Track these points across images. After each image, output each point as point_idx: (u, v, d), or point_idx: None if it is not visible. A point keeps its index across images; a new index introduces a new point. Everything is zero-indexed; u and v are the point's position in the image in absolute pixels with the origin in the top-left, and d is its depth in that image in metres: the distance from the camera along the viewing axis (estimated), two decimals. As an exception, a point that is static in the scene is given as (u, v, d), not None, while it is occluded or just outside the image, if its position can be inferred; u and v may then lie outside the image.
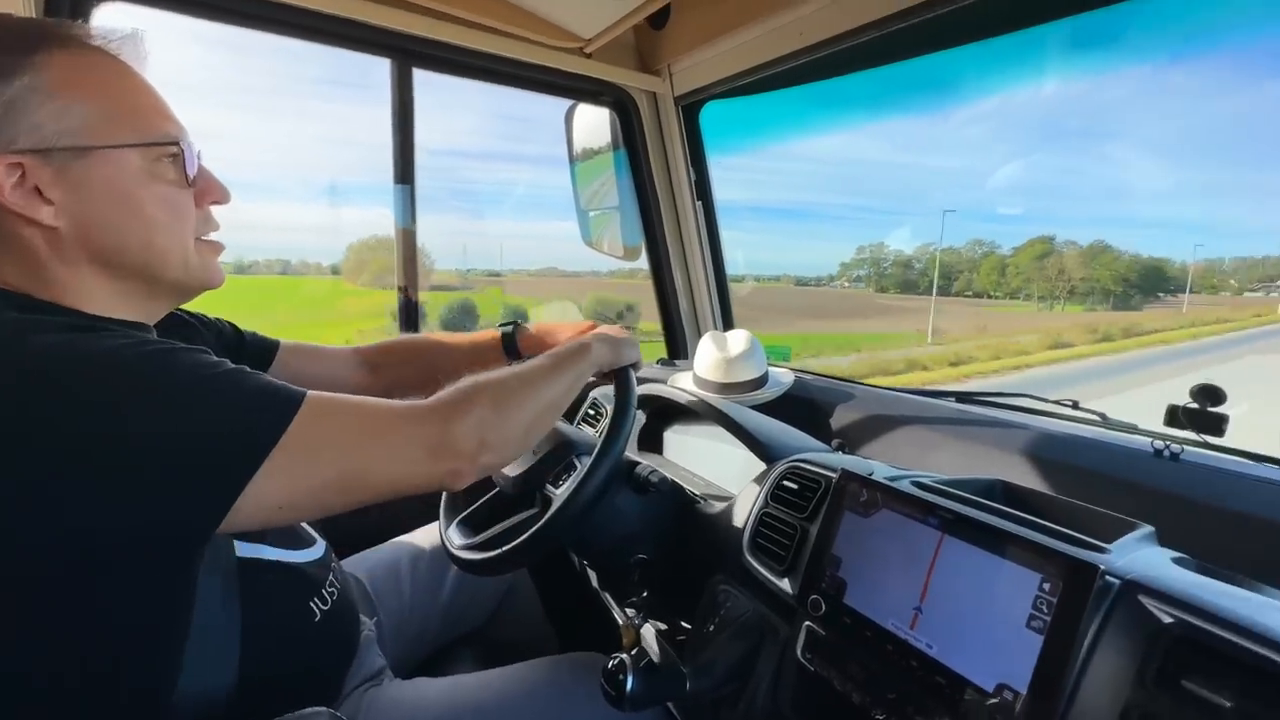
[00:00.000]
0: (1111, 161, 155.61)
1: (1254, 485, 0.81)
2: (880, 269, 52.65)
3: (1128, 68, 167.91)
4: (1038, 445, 0.99)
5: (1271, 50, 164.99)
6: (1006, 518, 0.61)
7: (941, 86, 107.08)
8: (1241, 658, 0.44)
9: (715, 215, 1.76)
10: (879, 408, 1.22)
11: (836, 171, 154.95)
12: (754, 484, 0.87)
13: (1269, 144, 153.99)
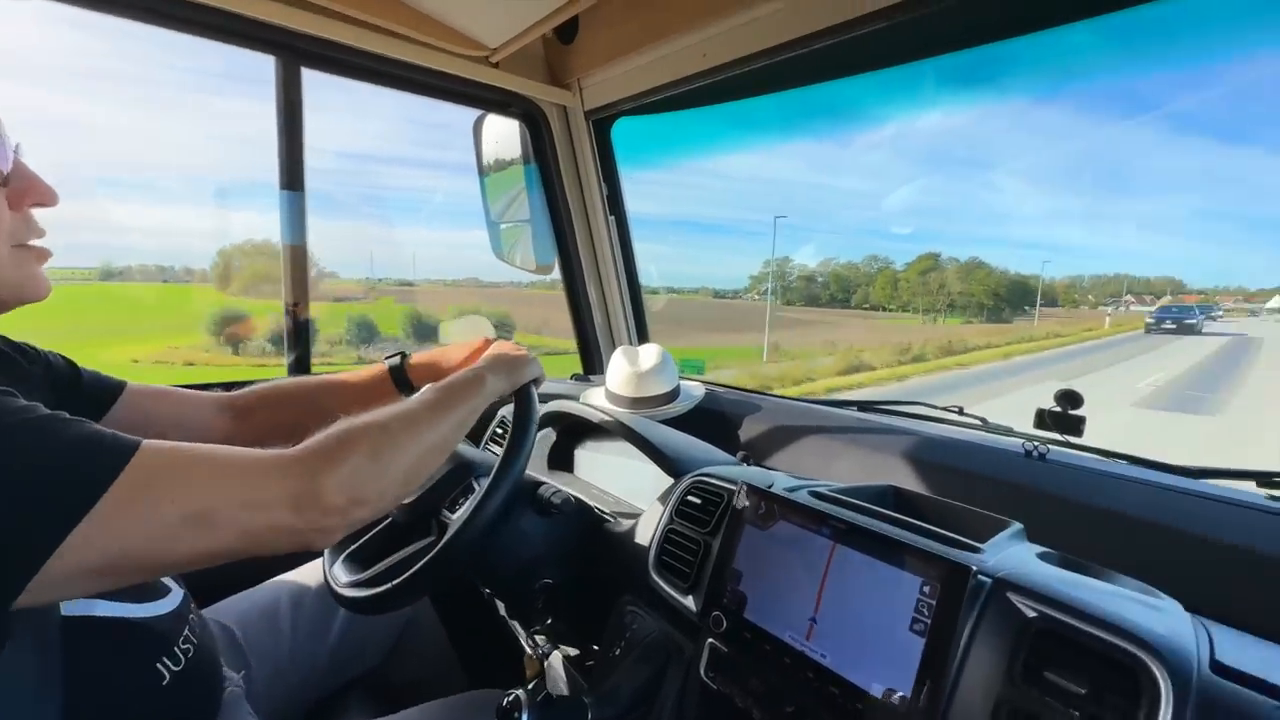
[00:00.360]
0: (991, 187, 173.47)
1: (1107, 480, 0.90)
2: (785, 282, 54.96)
3: (1003, 103, 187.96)
4: (928, 450, 1.05)
5: (1118, 94, 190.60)
6: (894, 523, 0.63)
7: (847, 113, 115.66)
8: (1093, 646, 0.48)
9: (629, 230, 1.77)
10: (786, 419, 1.25)
11: (754, 189, 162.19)
12: (660, 500, 0.86)
13: (1121, 178, 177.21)
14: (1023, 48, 79.40)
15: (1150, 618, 0.50)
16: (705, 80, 1.32)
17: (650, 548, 0.81)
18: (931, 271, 46.65)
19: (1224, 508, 0.80)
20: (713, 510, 0.76)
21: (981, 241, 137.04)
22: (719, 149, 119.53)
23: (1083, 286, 69.70)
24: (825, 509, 0.64)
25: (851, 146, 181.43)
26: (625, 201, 1.76)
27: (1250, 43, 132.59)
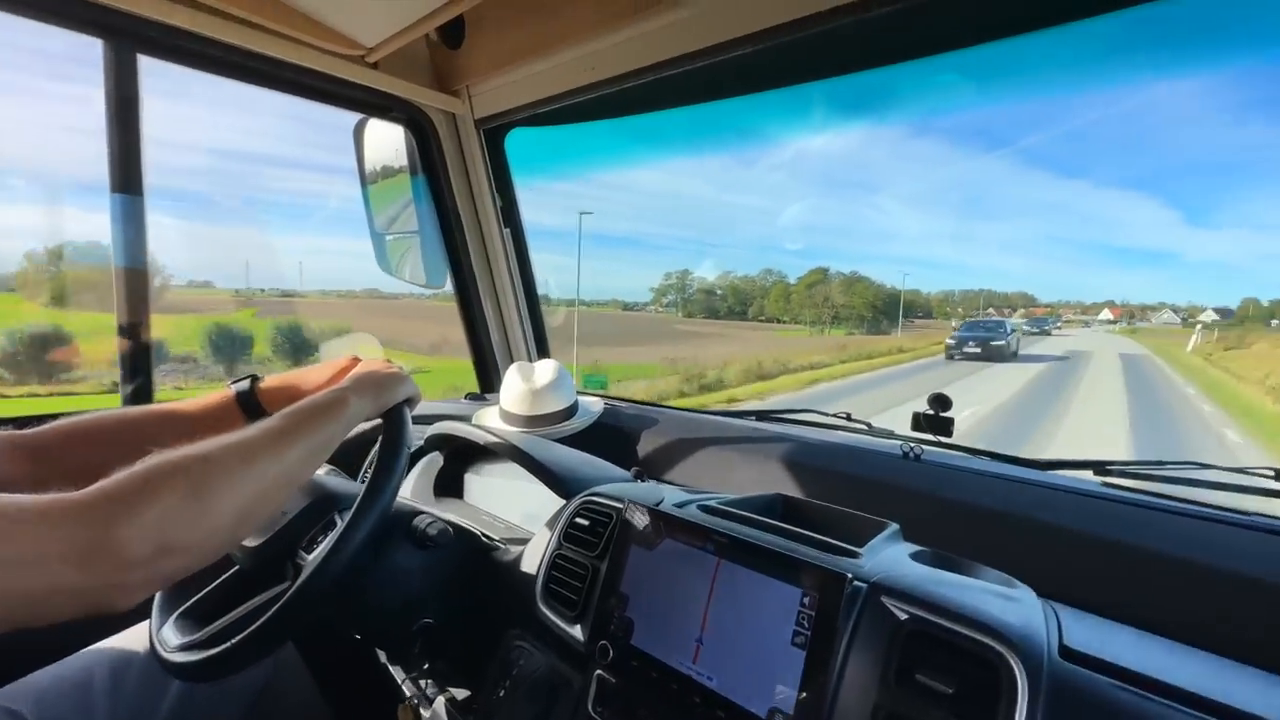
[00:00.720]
0: (876, 208, 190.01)
1: (973, 477, 0.96)
2: (685, 295, 56.26)
3: (886, 130, 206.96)
4: (818, 456, 1.08)
5: (980, 129, 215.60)
6: (779, 533, 0.63)
7: (752, 133, 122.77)
8: (958, 643, 0.49)
9: (525, 242, 1.72)
10: (683, 431, 1.24)
11: (663, 204, 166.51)
12: (548, 524, 0.81)
13: (983, 204, 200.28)
14: (902, 79, 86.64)
15: (1007, 609, 0.52)
16: (596, 93, 1.31)
17: (537, 576, 0.76)
18: (817, 285, 48.86)
19: (1068, 496, 0.87)
20: (601, 532, 0.72)
21: (867, 258, 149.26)
22: (628, 163, 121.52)
23: (954, 300, 77.21)
24: (709, 524, 0.63)
25: (755, 166, 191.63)
26: (522, 213, 1.71)
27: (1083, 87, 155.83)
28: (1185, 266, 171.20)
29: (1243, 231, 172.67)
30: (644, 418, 1.34)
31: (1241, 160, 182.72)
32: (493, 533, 0.94)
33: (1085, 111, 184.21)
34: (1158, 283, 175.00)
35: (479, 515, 1.04)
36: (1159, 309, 74.88)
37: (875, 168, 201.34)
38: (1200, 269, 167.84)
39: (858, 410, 1.21)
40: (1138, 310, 75.08)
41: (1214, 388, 13.45)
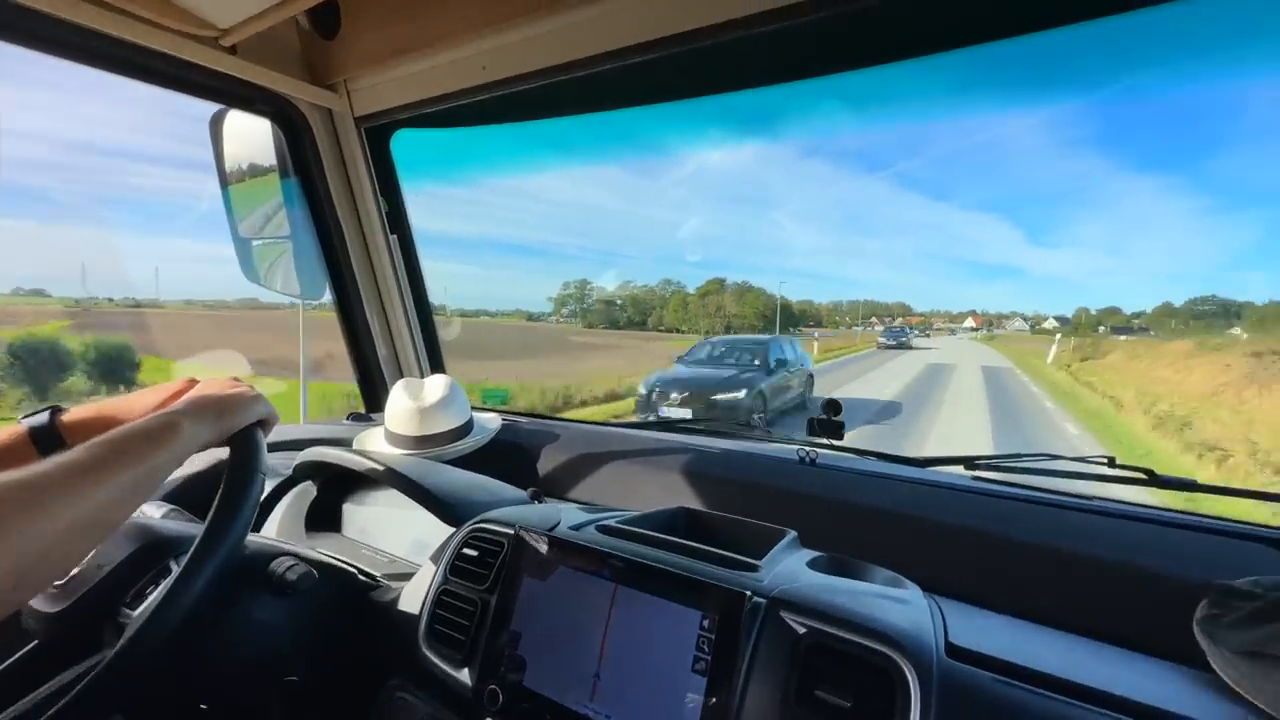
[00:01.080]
0: (773, 223, 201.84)
1: (862, 479, 1.00)
2: (584, 305, 55.27)
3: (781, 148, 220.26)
4: (722, 465, 1.08)
5: (862, 152, 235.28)
6: (680, 551, 0.60)
7: (656, 146, 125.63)
8: (854, 653, 0.48)
9: (415, 249, 1.61)
10: (586, 446, 1.20)
11: (573, 213, 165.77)
12: (433, 557, 0.74)
13: (867, 221, 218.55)
14: (792, 101, 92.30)
15: (897, 613, 0.53)
16: (489, 94, 1.25)
17: (421, 615, 0.69)
18: (711, 295, 49.50)
19: (944, 492, 0.93)
20: (491, 562, 0.66)
21: (763, 270, 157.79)
22: (536, 170, 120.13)
23: (842, 310, 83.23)
24: (606, 547, 0.59)
25: (662, 179, 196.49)
26: (418, 219, 1.60)
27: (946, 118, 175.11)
28: (1031, 280, 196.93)
29: (1074, 250, 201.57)
30: (545, 433, 1.28)
31: (1072, 188, 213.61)
32: (374, 569, 0.84)
33: (949, 141, 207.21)
34: (1010, 294, 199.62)
35: (358, 550, 0.93)
36: (1011, 317, 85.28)
37: (771, 185, 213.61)
38: (1043, 282, 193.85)
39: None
40: (995, 319, 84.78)
41: (1094, 418, 11.14)
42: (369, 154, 1.47)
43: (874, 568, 0.71)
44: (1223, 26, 63.13)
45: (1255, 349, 15.80)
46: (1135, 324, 61.55)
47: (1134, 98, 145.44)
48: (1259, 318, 42.63)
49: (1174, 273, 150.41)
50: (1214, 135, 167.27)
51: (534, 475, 1.17)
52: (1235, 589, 0.59)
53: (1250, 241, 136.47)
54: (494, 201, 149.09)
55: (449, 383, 1.22)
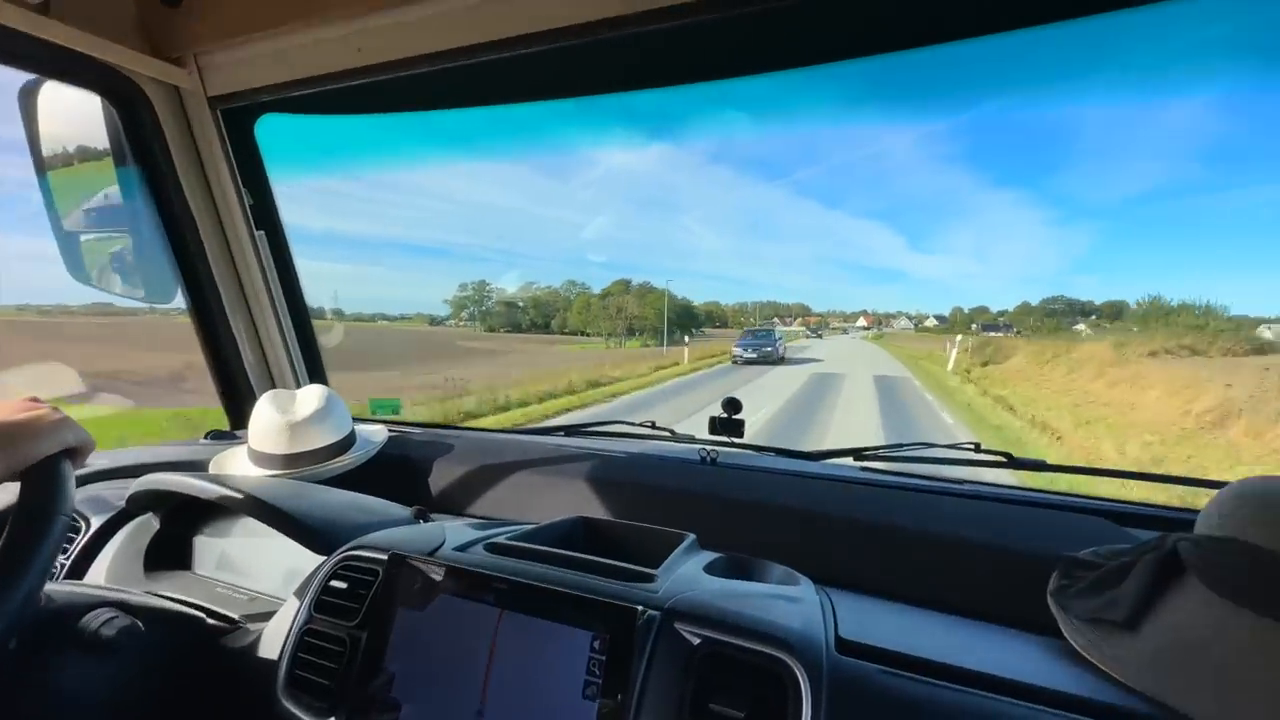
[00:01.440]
0: (680, 227, 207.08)
1: (760, 475, 1.02)
2: (485, 308, 52.02)
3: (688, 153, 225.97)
4: (624, 470, 1.06)
5: (762, 160, 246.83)
6: (572, 566, 0.57)
7: (563, 146, 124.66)
8: (749, 659, 0.48)
9: (287, 247, 1.45)
10: (482, 456, 1.14)
11: (480, 213, 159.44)
12: (297, 593, 0.65)
13: (769, 226, 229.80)
14: (694, 104, 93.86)
15: (789, 613, 0.53)
16: (363, 79, 1.15)
17: (281, 661, 0.60)
18: (611, 297, 47.34)
19: (835, 485, 0.97)
20: (362, 594, 0.60)
21: (671, 272, 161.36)
22: (439, 168, 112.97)
23: (747, 310, 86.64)
24: (489, 569, 0.55)
25: (571, 181, 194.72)
26: (285, 213, 1.45)
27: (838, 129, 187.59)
28: (913, 282, 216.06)
29: (948, 255, 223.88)
30: (438, 444, 1.20)
31: (945, 200, 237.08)
32: (231, 609, 0.74)
33: (841, 152, 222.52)
34: (896, 295, 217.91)
35: (212, 589, 0.82)
36: (898, 316, 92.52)
37: (678, 189, 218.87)
38: (923, 284, 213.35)
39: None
40: (883, 318, 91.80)
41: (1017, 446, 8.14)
42: (227, 139, 1.31)
43: (770, 565, 0.71)
44: (1065, 60, 72.60)
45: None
46: (1001, 321, 68.75)
47: (994, 120, 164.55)
48: (1113, 312, 49.19)
49: (1028, 275, 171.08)
50: (1056, 157, 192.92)
51: (425, 491, 1.09)
52: (1080, 560, 0.65)
53: (1085, 248, 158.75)
54: (397, 200, 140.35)
55: (324, 393, 1.11)
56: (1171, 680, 0.49)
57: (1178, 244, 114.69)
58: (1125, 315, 53.68)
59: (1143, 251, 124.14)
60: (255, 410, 1.07)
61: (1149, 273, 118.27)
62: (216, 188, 1.34)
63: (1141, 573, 0.56)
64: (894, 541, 0.80)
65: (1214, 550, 0.53)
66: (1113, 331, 34.86)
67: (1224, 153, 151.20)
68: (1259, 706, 0.45)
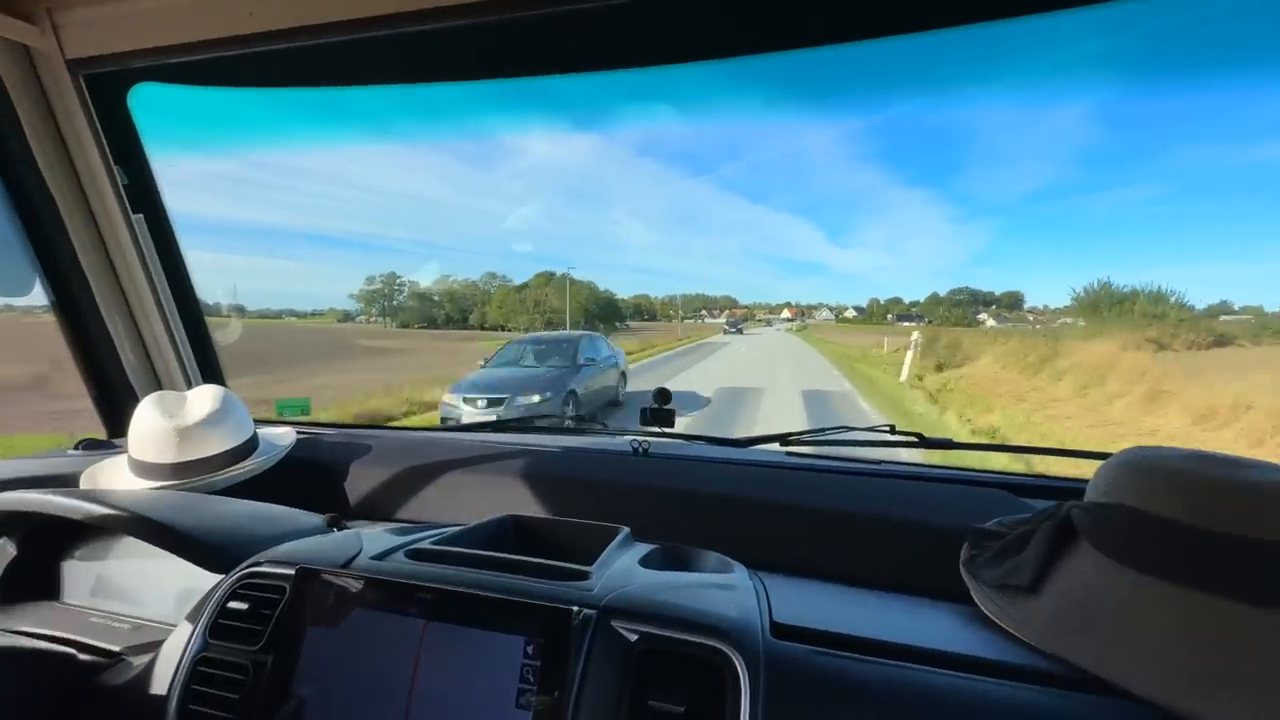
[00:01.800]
0: (609, 220, 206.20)
1: (692, 464, 1.02)
2: (394, 302, 47.29)
3: (617, 144, 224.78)
4: (555, 465, 1.03)
5: (688, 155, 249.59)
6: (502, 568, 0.54)
7: (490, 138, 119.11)
8: (687, 652, 0.47)
9: (173, 233, 1.31)
10: (405, 456, 1.08)
11: (403, 204, 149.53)
12: (189, 618, 0.59)
13: (698, 220, 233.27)
14: (627, 100, 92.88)
15: (724, 602, 0.53)
16: (255, 47, 1.04)
17: (170, 696, 0.54)
18: (528, 289, 43.79)
19: (765, 470, 0.99)
20: (266, 614, 0.54)
21: (601, 266, 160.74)
22: (355, 154, 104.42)
23: (676, 303, 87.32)
24: (411, 577, 0.51)
25: (497, 172, 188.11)
26: (164, 194, 1.30)
27: (761, 127, 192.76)
28: (833, 275, 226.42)
29: (864, 250, 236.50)
30: (354, 446, 1.12)
31: (860, 196, 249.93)
32: (110, 640, 0.65)
33: (764, 148, 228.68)
34: (817, 288, 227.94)
35: (85, 620, 0.72)
36: (819, 308, 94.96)
37: (607, 182, 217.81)
38: (842, 277, 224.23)
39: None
40: (806, 309, 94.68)
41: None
42: (93, 110, 1.15)
43: (704, 553, 0.72)
44: (966, 68, 78.28)
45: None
46: (914, 311, 71.40)
47: (904, 123, 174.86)
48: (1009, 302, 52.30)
49: (934, 269, 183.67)
50: (959, 158, 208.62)
51: (340, 497, 1.02)
52: (987, 530, 0.69)
53: (984, 243, 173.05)
54: (311, 189, 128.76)
55: (220, 394, 1.00)
56: (1070, 638, 0.53)
57: (1062, 239, 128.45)
58: (1023, 305, 57.28)
59: (1033, 245, 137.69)
60: (136, 415, 0.95)
61: (1039, 265, 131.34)
62: (81, 164, 1.18)
63: (1040, 540, 0.60)
64: (821, 523, 0.83)
65: (1100, 515, 0.58)
66: (1014, 320, 35.95)
67: (1101, 157, 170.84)
68: (1135, 655, 0.49)
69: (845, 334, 39.75)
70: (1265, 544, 0.48)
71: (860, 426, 1.11)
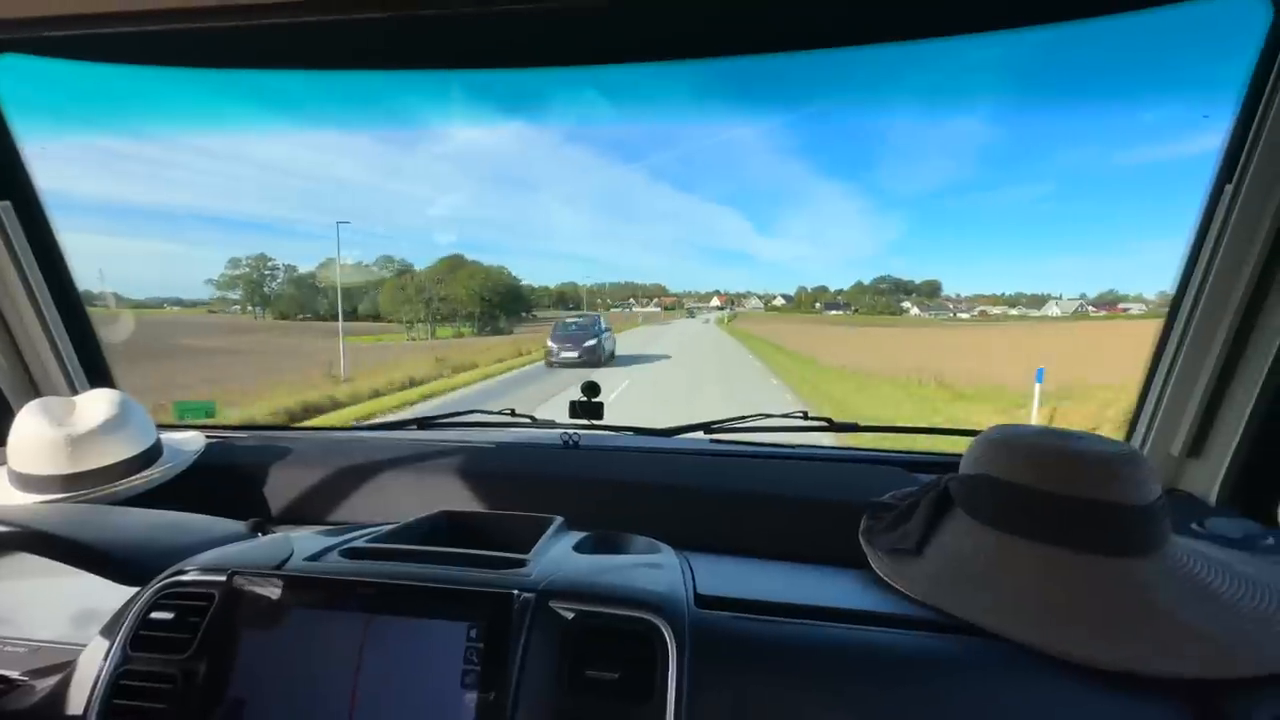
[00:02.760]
0: (536, 206, 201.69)
1: (620, 455, 1.07)
2: (264, 290, 39.26)
3: (545, 133, 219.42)
4: (486, 460, 1.05)
5: (621, 141, 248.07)
6: (440, 561, 0.56)
7: (403, 118, 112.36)
8: (620, 625, 0.51)
9: (47, 221, 1.19)
10: (327, 457, 1.05)
11: (309, 187, 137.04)
12: (104, 632, 0.56)
13: (629, 209, 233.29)
14: (549, 82, 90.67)
15: (653, 578, 0.58)
16: (149, 25, 0.97)
17: (88, 714, 0.52)
18: (406, 275, 36.30)
19: (688, 457, 1.05)
20: (194, 622, 0.53)
21: (528, 253, 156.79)
22: (259, 132, 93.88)
23: (604, 292, 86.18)
24: (352, 573, 0.52)
25: (418, 155, 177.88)
26: (36, 179, 1.18)
27: (690, 119, 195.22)
28: (759, 264, 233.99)
29: (788, 240, 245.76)
30: (271, 449, 1.08)
31: (785, 189, 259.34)
32: (6, 666, 0.61)
33: (693, 139, 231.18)
34: (744, 277, 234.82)
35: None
36: (749, 297, 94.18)
37: (535, 167, 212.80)
38: (767, 266, 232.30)
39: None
40: (736, 298, 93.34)
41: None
42: (-57, 81, 1.03)
43: (634, 538, 0.76)
44: (876, 74, 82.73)
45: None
46: (840, 300, 72.98)
47: (823, 119, 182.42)
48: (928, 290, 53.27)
49: (852, 258, 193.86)
50: (872, 154, 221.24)
51: (259, 502, 0.98)
52: (882, 504, 0.78)
53: (896, 234, 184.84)
54: (205, 166, 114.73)
55: (116, 397, 0.93)
56: (944, 591, 0.62)
57: (967, 231, 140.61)
58: (940, 293, 58.77)
59: (941, 236, 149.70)
60: (16, 424, 0.87)
61: (948, 254, 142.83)
62: (-69, 143, 1.05)
63: (923, 510, 0.70)
64: (740, 505, 0.90)
65: (970, 485, 0.68)
66: (935, 308, 35.00)
67: (996, 157, 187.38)
68: (995, 601, 0.58)
69: (773, 323, 37.23)
70: (1094, 502, 0.59)
71: (777, 413, 1.19)
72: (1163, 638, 0.52)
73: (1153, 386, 0.95)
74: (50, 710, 0.54)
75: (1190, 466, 0.92)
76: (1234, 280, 0.81)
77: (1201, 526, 0.79)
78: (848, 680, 0.51)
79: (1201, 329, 0.85)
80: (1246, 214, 0.79)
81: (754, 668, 0.52)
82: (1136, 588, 0.56)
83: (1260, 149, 0.77)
